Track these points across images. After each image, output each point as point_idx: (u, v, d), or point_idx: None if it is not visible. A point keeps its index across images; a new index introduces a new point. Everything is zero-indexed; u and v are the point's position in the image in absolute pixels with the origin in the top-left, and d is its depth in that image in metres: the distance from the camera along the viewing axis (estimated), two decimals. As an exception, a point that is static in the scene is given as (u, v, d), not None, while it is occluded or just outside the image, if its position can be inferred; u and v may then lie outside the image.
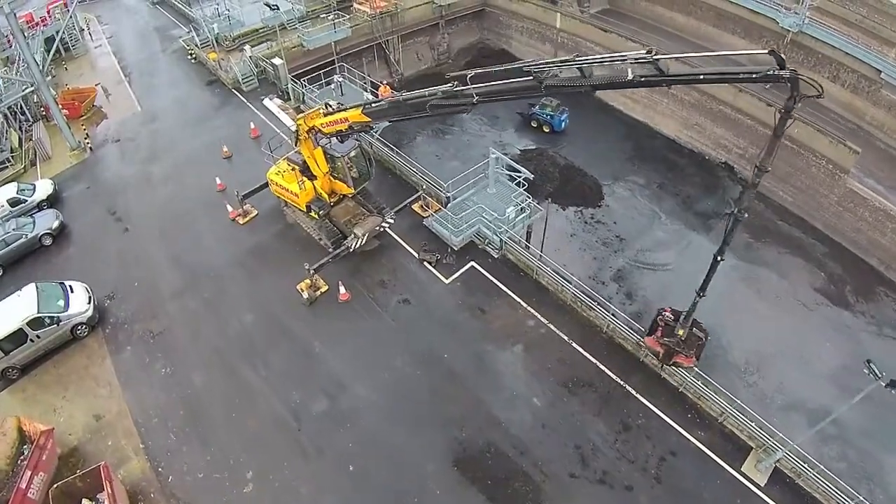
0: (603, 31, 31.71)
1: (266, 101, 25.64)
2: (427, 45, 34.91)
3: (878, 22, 27.36)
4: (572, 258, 23.72)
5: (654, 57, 8.70)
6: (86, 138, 24.95)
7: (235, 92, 27.13)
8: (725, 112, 29.28)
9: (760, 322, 21.04)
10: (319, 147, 16.46)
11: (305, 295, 16.02)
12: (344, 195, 17.80)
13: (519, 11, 34.62)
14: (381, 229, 17.28)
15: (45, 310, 15.90)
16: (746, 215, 10.54)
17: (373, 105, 13.70)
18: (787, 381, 18.74)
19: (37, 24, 29.85)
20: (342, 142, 15.67)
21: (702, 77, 9.19)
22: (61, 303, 16.41)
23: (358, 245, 16.53)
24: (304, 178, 16.88)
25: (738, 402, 13.58)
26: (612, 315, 15.74)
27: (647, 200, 27.40)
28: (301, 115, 16.35)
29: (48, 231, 19.88)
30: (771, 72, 8.41)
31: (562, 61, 9.51)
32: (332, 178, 17.28)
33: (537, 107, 29.75)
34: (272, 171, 18.07)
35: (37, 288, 16.56)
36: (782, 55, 8.47)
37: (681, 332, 12.48)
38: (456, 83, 10.97)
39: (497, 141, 29.11)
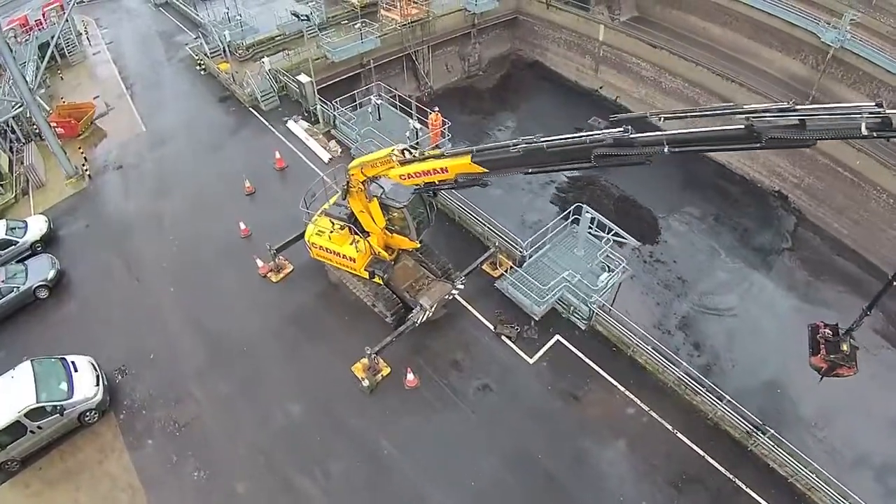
0: (651, 46, 29.25)
1: (290, 124, 22.85)
2: (457, 55, 32.09)
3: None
4: (635, 304, 21.65)
5: (888, 112, 6.84)
6: (84, 165, 21.78)
7: (253, 111, 24.02)
8: (782, 138, 27.33)
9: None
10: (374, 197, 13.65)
11: (366, 382, 13.34)
12: (401, 250, 15.10)
13: (556, 21, 31.97)
14: (451, 297, 14.61)
15: (45, 397, 13.09)
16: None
17: (489, 152, 10.22)
18: (853, 432, 17.70)
19: (31, 28, 26.40)
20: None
21: None
22: (64, 386, 13.54)
23: (425, 318, 13.88)
24: (358, 237, 14.16)
25: (854, 496, 11.93)
26: (724, 403, 13.61)
27: (704, 235, 25.72)
28: (356, 162, 13.09)
29: (43, 283, 16.87)
30: None
31: (780, 110, 7.38)
32: (387, 232, 14.51)
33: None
34: (311, 233, 14.96)
35: (33, 367, 13.69)
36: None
37: (845, 347, 11.84)
38: (628, 127, 8.50)
39: (541, 166, 26.55)
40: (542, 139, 9.49)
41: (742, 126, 7.42)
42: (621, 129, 8.60)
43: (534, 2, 32.19)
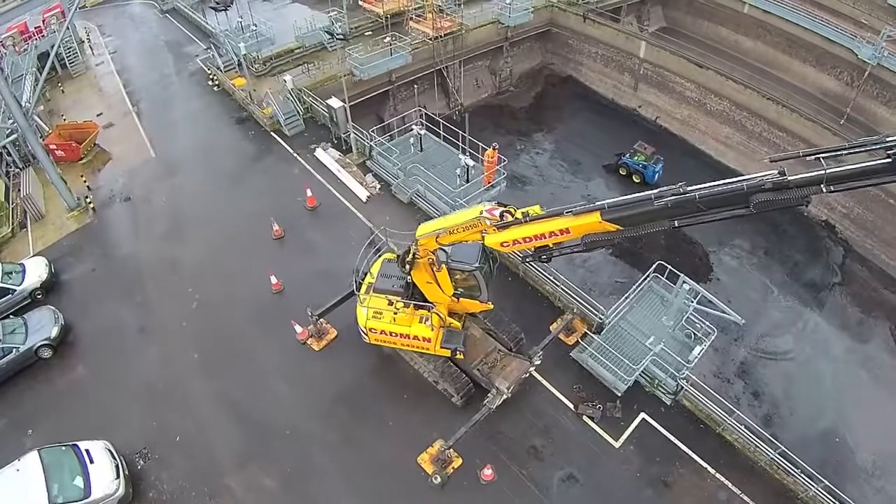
0: (697, 66, 27.47)
1: (319, 153, 20.78)
2: (487, 69, 30.09)
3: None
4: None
5: None
6: (87, 197, 19.55)
7: (276, 136, 21.85)
8: (833, 166, 26.05)
9: (884, 414, 19.27)
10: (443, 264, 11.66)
11: (437, 479, 11.50)
12: (468, 314, 13.18)
13: (592, 35, 30.04)
14: (528, 375, 12.75)
15: (57, 495, 11.26)
16: None
17: (625, 207, 8.43)
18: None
19: (30, 36, 23.99)
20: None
21: None
22: (79, 482, 11.58)
23: (501, 401, 12.04)
24: (430, 313, 12.01)
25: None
26: (821, 486, 12.23)
27: (756, 270, 24.61)
28: (428, 229, 10.77)
29: (46, 341, 14.73)
30: None
31: None
32: (454, 298, 12.55)
33: (627, 154, 25.60)
34: (366, 317, 12.51)
35: (41, 459, 11.73)
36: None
37: None
38: (784, 168, 7.28)
39: (584, 194, 24.83)
40: (690, 188, 7.92)
41: (888, 159, 6.78)
42: (776, 171, 7.47)
43: (569, 14, 30.29)
